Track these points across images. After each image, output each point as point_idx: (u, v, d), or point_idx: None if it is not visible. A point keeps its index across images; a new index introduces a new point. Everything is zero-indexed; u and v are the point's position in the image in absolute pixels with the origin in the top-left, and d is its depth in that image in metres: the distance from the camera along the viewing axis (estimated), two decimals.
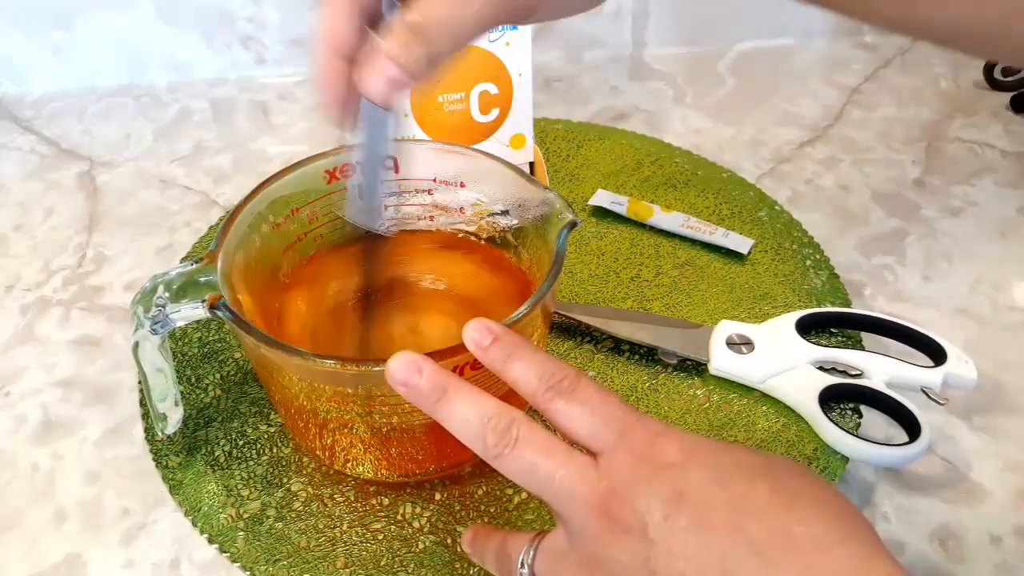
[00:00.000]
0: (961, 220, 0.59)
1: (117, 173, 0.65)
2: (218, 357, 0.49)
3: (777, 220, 0.58)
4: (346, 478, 0.42)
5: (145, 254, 0.57)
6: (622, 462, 0.28)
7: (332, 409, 0.37)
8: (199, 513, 0.41)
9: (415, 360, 0.30)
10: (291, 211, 0.43)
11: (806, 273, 0.53)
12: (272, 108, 0.72)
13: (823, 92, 0.73)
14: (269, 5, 0.71)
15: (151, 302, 0.36)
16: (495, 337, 0.31)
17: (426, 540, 0.40)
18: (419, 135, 0.50)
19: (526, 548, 0.31)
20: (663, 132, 0.67)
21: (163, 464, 0.43)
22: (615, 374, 0.48)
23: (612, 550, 0.27)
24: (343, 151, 0.43)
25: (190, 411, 0.45)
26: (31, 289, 0.55)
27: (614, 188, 0.60)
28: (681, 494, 0.27)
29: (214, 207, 0.62)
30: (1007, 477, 0.43)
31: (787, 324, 0.47)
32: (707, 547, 0.26)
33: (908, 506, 0.42)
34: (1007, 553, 0.40)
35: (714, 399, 0.46)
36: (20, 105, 0.72)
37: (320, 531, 0.40)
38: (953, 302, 0.53)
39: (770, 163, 0.65)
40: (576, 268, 0.54)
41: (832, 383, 0.44)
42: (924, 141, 0.67)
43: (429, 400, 0.30)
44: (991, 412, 0.46)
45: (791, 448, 0.43)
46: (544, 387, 0.30)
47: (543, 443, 0.29)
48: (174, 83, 0.74)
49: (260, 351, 0.35)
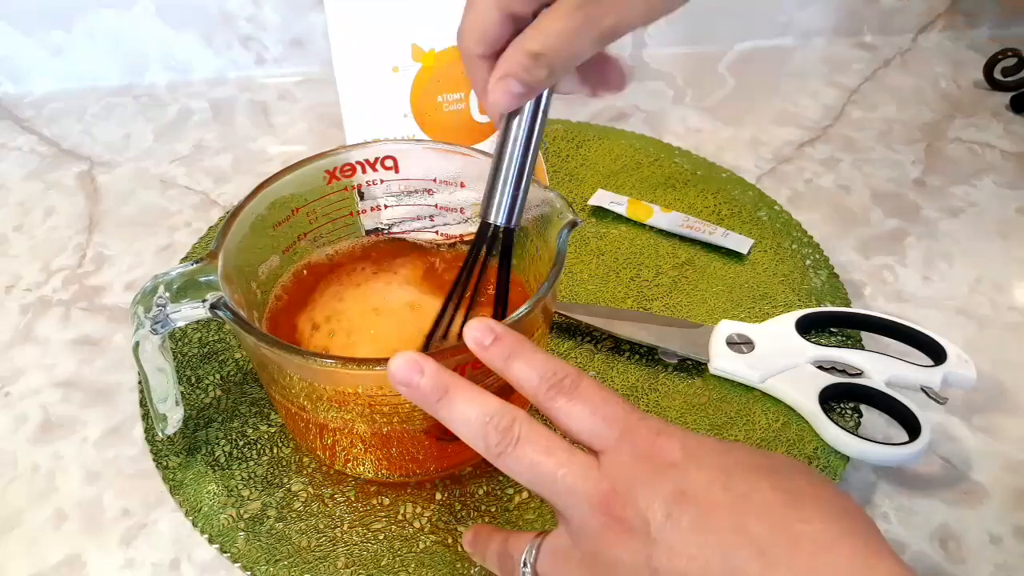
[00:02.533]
0: (961, 220, 0.59)
1: (117, 173, 0.65)
2: (218, 357, 0.49)
3: (777, 220, 0.58)
4: (347, 478, 0.42)
5: (145, 254, 0.57)
6: (624, 461, 0.28)
7: (333, 409, 0.37)
8: (199, 513, 0.41)
9: (416, 360, 0.30)
10: (291, 211, 0.43)
11: (806, 273, 0.53)
12: (272, 108, 0.72)
13: (823, 92, 0.73)
14: (269, 5, 0.71)
15: (151, 302, 0.36)
16: (496, 336, 0.31)
17: (427, 540, 0.40)
18: (419, 135, 0.50)
19: (528, 548, 0.31)
20: (663, 132, 0.67)
21: (163, 464, 0.43)
22: (615, 374, 0.48)
23: (614, 549, 0.27)
24: (343, 151, 0.43)
25: (190, 411, 0.45)
26: (31, 289, 0.55)
27: (614, 188, 0.60)
28: (683, 493, 0.27)
29: (214, 207, 0.62)
30: (1007, 477, 0.43)
31: (787, 324, 0.47)
32: (709, 546, 0.26)
33: (908, 506, 0.42)
34: (1007, 553, 0.40)
35: (714, 399, 0.46)
36: (20, 105, 0.72)
37: (321, 531, 0.40)
38: (953, 302, 0.53)
39: (770, 163, 0.65)
40: (576, 268, 0.54)
41: (832, 382, 0.44)
42: (924, 141, 0.67)
43: (431, 399, 0.30)
44: (991, 412, 0.46)
45: (791, 447, 0.43)
46: (545, 386, 0.30)
47: (545, 442, 0.29)
48: (174, 83, 0.74)
49: (260, 351, 0.35)
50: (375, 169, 0.44)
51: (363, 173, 0.44)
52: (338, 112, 0.49)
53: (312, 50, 0.74)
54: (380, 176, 0.44)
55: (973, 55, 0.76)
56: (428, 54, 0.48)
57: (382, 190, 0.45)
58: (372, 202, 0.46)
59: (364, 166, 0.44)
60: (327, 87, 0.70)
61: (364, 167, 0.44)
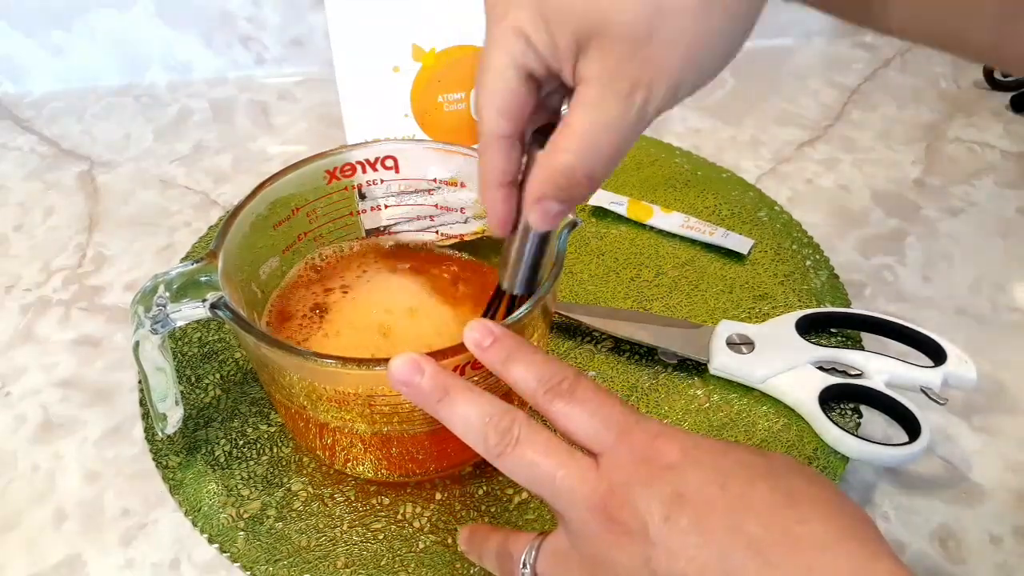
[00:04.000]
0: (961, 220, 0.59)
1: (117, 173, 0.65)
2: (218, 357, 0.49)
3: (777, 220, 0.58)
4: (346, 478, 0.42)
5: (145, 254, 0.57)
6: (622, 463, 0.28)
7: (333, 409, 0.37)
8: (199, 513, 0.41)
9: (417, 360, 0.30)
10: (291, 211, 0.43)
11: (806, 273, 0.53)
12: (272, 108, 0.72)
13: (823, 92, 0.73)
14: (269, 5, 0.71)
15: (151, 302, 0.36)
16: (495, 338, 0.31)
17: (427, 540, 0.40)
18: (419, 135, 0.50)
19: (528, 548, 0.31)
20: (663, 132, 0.67)
21: (163, 464, 0.43)
22: (615, 374, 0.48)
23: (613, 551, 0.27)
24: (343, 151, 0.43)
25: (190, 411, 0.45)
26: (31, 289, 0.55)
27: (614, 188, 0.60)
28: (681, 495, 0.27)
29: (214, 207, 0.62)
30: (1007, 477, 0.43)
31: (787, 324, 0.47)
32: (707, 548, 0.26)
33: (908, 506, 0.42)
34: (1007, 553, 0.40)
35: (714, 399, 0.46)
36: (20, 105, 0.72)
37: (320, 531, 0.40)
38: (953, 302, 0.53)
39: (770, 163, 0.65)
40: (576, 268, 0.54)
41: (832, 383, 0.44)
42: (924, 141, 0.67)
43: (431, 400, 0.30)
44: (991, 412, 0.46)
45: (791, 448, 0.43)
46: (543, 388, 0.30)
47: (544, 443, 0.29)
48: (174, 83, 0.74)
49: (261, 351, 0.35)
50: (375, 169, 0.44)
51: (363, 173, 0.44)
52: (338, 112, 0.49)
53: (312, 50, 0.74)
54: (380, 176, 0.44)
55: None
56: (428, 54, 0.48)
57: (382, 190, 0.45)
58: (372, 202, 0.46)
59: (364, 166, 0.44)
60: (327, 87, 0.71)
61: (364, 167, 0.44)
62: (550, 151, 0.29)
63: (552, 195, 0.29)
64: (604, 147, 0.28)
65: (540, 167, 0.29)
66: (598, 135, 0.28)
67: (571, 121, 0.28)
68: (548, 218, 0.30)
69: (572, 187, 0.29)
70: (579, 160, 0.28)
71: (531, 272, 0.34)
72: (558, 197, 0.29)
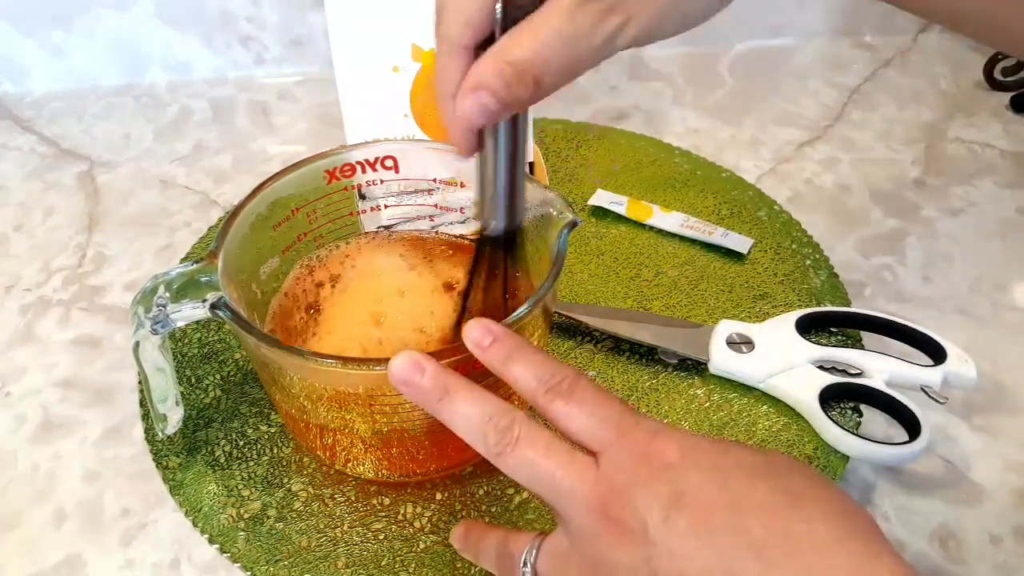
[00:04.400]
0: (961, 220, 0.59)
1: (117, 173, 0.65)
2: (218, 357, 0.49)
3: (776, 220, 0.58)
4: (347, 478, 0.42)
5: (145, 254, 0.57)
6: (621, 463, 0.28)
7: (333, 409, 0.37)
8: (199, 513, 0.41)
9: (417, 359, 0.30)
10: (291, 211, 0.43)
11: (806, 273, 0.53)
12: (272, 108, 0.72)
13: (823, 92, 0.73)
14: (269, 5, 0.71)
15: (151, 302, 0.36)
16: (495, 338, 0.31)
17: (427, 540, 0.40)
18: (419, 135, 0.50)
19: (528, 547, 0.31)
20: (662, 132, 0.67)
21: (163, 464, 0.43)
22: (615, 374, 0.48)
23: (613, 551, 0.27)
24: (343, 151, 0.43)
25: (190, 411, 0.45)
26: (31, 289, 0.55)
27: (613, 188, 0.60)
28: (681, 495, 0.27)
29: (214, 207, 0.62)
30: (1007, 477, 0.43)
31: (787, 324, 0.47)
32: (708, 548, 0.26)
33: (908, 506, 0.42)
34: (1007, 553, 0.40)
35: (714, 399, 0.46)
36: (20, 105, 0.72)
37: (321, 531, 0.40)
38: (953, 302, 0.53)
39: (770, 163, 0.65)
40: (576, 268, 0.54)
41: (832, 382, 0.44)
42: (924, 141, 0.67)
43: (431, 399, 0.30)
44: (991, 412, 0.46)
45: (791, 447, 0.43)
46: (543, 388, 0.30)
47: (544, 442, 0.29)
48: (174, 83, 0.74)
49: (261, 351, 0.35)
50: (375, 169, 0.44)
51: (363, 173, 0.44)
52: (338, 112, 0.49)
53: (312, 50, 0.74)
54: (380, 176, 0.44)
55: (973, 55, 0.76)
56: (428, 54, 0.48)
57: (382, 190, 0.45)
58: (372, 202, 0.46)
59: (364, 166, 0.44)
60: (327, 87, 0.70)
61: (364, 167, 0.44)
62: (504, 43, 0.27)
63: (492, 85, 0.27)
64: (561, 58, 0.26)
65: (488, 55, 0.27)
66: (559, 44, 0.26)
67: (536, 21, 0.26)
68: (479, 111, 0.28)
69: (516, 84, 0.27)
70: (533, 59, 0.26)
71: (508, 199, 0.32)
72: (497, 92, 0.27)
